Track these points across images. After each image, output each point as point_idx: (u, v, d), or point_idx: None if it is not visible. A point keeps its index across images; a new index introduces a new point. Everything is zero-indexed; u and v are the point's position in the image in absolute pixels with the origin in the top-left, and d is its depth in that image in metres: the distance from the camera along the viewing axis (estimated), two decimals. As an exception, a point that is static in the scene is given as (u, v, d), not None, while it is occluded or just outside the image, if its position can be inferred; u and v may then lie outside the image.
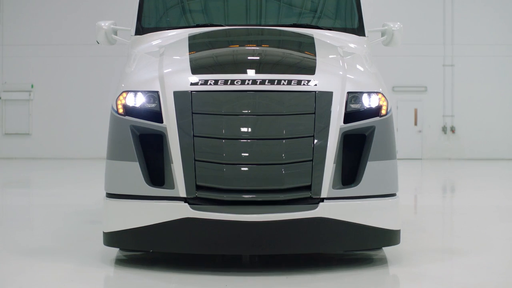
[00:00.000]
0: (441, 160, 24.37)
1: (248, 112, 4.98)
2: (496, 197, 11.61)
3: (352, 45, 6.19)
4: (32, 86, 25.35)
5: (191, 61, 5.30)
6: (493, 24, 24.87)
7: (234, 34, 6.18)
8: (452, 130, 24.97)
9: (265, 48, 5.87)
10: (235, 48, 5.86)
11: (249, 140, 4.91)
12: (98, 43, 6.77)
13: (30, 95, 25.40)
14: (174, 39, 6.02)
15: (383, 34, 6.79)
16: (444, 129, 24.98)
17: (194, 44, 5.80)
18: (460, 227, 7.83)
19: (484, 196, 11.65)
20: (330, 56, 5.63)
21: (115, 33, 6.71)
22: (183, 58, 5.42)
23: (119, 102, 5.21)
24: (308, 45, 5.81)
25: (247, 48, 5.86)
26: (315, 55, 5.49)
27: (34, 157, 24.54)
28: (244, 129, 4.93)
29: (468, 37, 24.85)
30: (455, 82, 24.99)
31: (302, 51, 5.81)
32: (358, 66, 5.62)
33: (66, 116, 25.13)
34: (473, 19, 24.95)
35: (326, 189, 4.88)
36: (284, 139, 4.94)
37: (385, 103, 5.24)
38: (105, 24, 6.64)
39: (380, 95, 5.24)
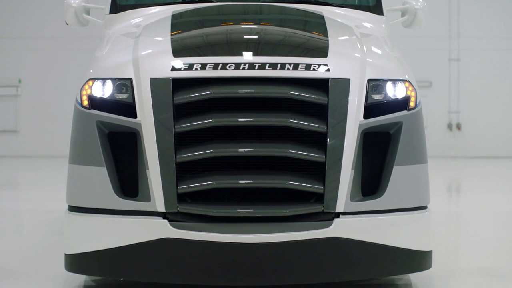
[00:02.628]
0: (446, 158, 23.46)
1: (244, 105, 4.02)
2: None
3: (368, 25, 5.23)
4: (19, 81, 24.53)
5: (173, 41, 4.30)
6: (500, 17, 24.00)
7: (227, 11, 5.19)
8: (458, 127, 24.10)
9: (265, 27, 4.86)
10: (228, 26, 4.86)
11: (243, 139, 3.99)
12: (67, 24, 5.77)
13: (17, 90, 24.59)
14: (156, 18, 5.03)
15: (403, 14, 5.83)
16: (449, 126, 24.10)
17: (179, 23, 4.81)
18: (488, 239, 6.79)
19: (501, 200, 10.59)
20: (345, 37, 4.66)
21: (87, 12, 5.70)
22: (164, 39, 4.43)
23: (83, 92, 4.28)
24: (318, 23, 4.84)
25: (242, 26, 4.86)
26: (326, 35, 4.49)
27: (22, 155, 23.64)
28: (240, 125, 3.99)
29: (475, 30, 23.96)
30: (461, 77, 24.10)
31: (311, 31, 4.82)
32: (378, 49, 4.65)
33: (55, 112, 24.26)
34: (480, 12, 24.07)
35: (342, 201, 3.93)
36: (288, 138, 4.01)
37: (413, 94, 4.28)
38: (75, 2, 5.63)
39: (407, 84, 4.28)
